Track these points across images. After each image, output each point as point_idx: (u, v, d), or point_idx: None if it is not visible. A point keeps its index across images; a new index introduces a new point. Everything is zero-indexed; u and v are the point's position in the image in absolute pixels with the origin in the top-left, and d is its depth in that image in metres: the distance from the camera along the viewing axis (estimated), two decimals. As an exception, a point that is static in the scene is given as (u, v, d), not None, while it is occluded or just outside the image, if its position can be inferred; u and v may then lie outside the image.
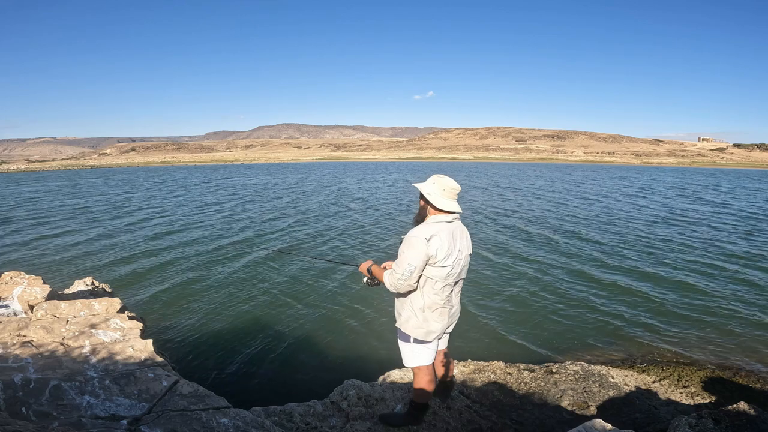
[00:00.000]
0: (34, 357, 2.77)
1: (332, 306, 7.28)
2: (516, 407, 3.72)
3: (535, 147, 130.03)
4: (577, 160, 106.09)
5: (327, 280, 8.50)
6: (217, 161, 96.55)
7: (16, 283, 4.12)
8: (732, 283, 8.43)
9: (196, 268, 9.42)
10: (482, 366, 4.57)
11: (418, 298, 2.26)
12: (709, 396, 4.38)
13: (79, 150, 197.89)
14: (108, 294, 5.11)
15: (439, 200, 2.21)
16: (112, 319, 3.47)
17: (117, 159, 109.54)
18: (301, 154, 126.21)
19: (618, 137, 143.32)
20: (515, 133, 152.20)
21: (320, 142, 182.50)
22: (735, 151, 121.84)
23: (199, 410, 2.43)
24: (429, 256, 2.13)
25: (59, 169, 70.23)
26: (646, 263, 9.81)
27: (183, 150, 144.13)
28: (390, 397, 3.16)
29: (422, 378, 2.47)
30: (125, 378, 2.65)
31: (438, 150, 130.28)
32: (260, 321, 6.72)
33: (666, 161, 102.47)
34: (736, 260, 10.12)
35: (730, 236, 13.07)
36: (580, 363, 4.80)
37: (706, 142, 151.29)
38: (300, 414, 2.87)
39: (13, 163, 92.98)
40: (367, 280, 2.47)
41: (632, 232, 13.64)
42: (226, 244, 11.77)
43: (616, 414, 3.73)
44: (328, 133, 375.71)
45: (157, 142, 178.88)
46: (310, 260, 9.61)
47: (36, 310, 3.55)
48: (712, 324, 6.57)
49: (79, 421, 2.20)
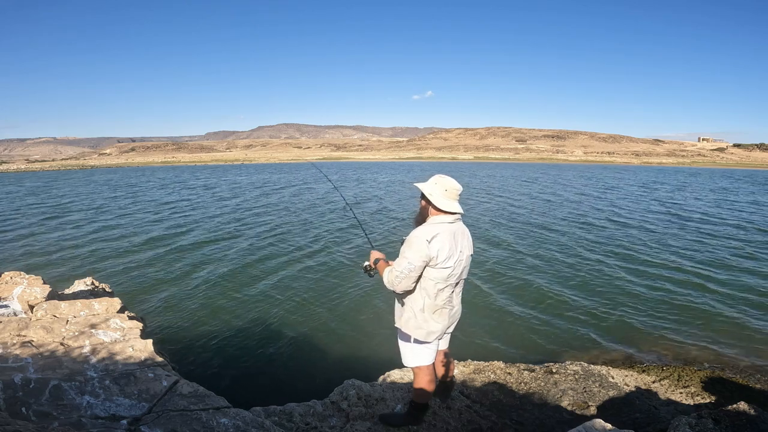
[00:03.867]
0: (34, 357, 2.77)
1: (332, 306, 7.28)
2: (516, 407, 3.72)
3: (535, 147, 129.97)
4: (577, 160, 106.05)
5: (327, 281, 8.50)
6: (217, 161, 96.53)
7: (16, 283, 4.12)
8: (732, 282, 8.44)
9: (197, 269, 9.42)
10: (482, 366, 4.57)
11: (419, 298, 2.25)
12: (709, 396, 4.37)
13: (79, 150, 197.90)
14: (108, 294, 5.10)
15: (441, 201, 2.19)
16: (112, 319, 3.47)
17: (117, 159, 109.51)
18: (301, 154, 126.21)
19: (618, 137, 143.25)
20: (515, 133, 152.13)
21: (320, 142, 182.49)
22: (735, 151, 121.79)
23: (199, 410, 2.42)
24: (430, 257, 2.12)
25: (59, 169, 70.22)
26: (645, 264, 9.81)
27: (183, 150, 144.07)
28: (390, 397, 3.16)
29: (422, 378, 2.46)
30: (125, 378, 2.65)
31: (438, 150, 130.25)
32: (260, 321, 6.72)
33: (666, 161, 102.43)
34: (736, 260, 10.12)
35: (731, 235, 13.07)
36: (580, 363, 4.81)
37: (706, 142, 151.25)
38: (300, 414, 2.87)
39: (13, 163, 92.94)
40: (367, 266, 2.46)
41: (631, 232, 13.63)
42: (226, 245, 11.77)
43: (616, 414, 3.73)
44: (328, 133, 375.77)
45: (157, 142, 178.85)
46: (310, 261, 9.61)
47: (36, 310, 3.54)
48: (712, 324, 6.57)
49: (79, 421, 2.20)
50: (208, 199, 23.05)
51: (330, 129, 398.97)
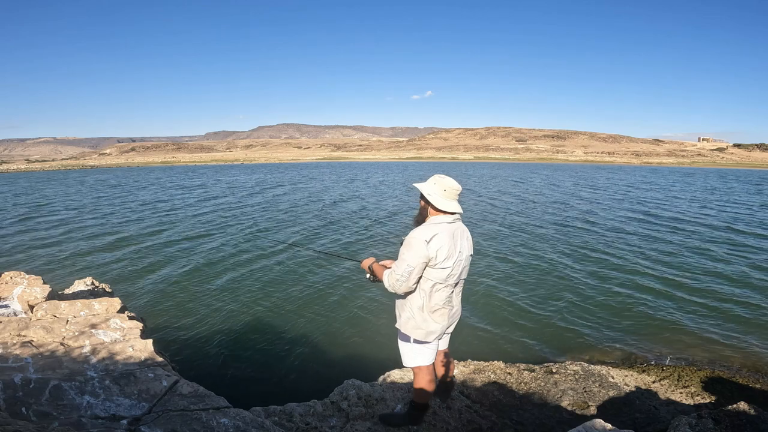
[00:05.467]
0: (34, 357, 2.77)
1: (332, 306, 7.28)
2: (516, 407, 3.72)
3: (535, 147, 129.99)
4: (577, 160, 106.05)
5: (327, 280, 8.50)
6: (217, 161, 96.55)
7: (16, 283, 4.12)
8: (732, 283, 8.43)
9: (197, 268, 9.41)
10: (482, 366, 4.57)
11: (418, 298, 2.25)
12: (709, 396, 4.37)
13: (80, 150, 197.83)
14: (108, 294, 5.11)
15: (440, 201, 2.19)
16: (112, 319, 3.47)
17: (117, 159, 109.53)
18: (301, 154, 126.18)
19: (618, 137, 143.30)
20: (515, 133, 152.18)
21: (320, 142, 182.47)
22: (735, 151, 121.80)
23: (199, 410, 2.43)
24: (429, 258, 2.11)
25: (59, 169, 70.23)
26: (644, 264, 9.81)
27: (183, 150, 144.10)
28: (390, 397, 3.16)
29: (422, 378, 2.46)
30: (125, 378, 2.65)
31: (438, 150, 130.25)
32: (260, 321, 6.72)
33: (666, 161, 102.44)
34: (736, 261, 10.12)
35: (733, 237, 13.07)
36: (580, 363, 4.81)
37: (706, 142, 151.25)
38: (300, 414, 2.87)
39: (13, 163, 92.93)
40: (370, 276, 2.47)
41: (630, 233, 13.63)
42: (226, 245, 11.76)
43: (616, 414, 3.73)
44: (328, 133, 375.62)
45: (157, 142, 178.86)
46: (309, 261, 9.61)
47: (36, 310, 3.55)
48: (712, 324, 6.57)
49: (79, 421, 2.20)
50: (209, 200, 23.06)
51: (330, 129, 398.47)
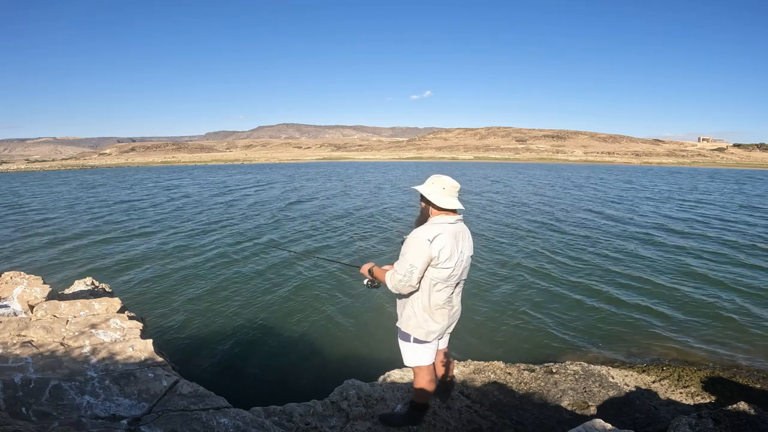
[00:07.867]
0: (34, 357, 2.77)
1: (332, 306, 7.28)
2: (516, 407, 3.72)
3: (535, 147, 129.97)
4: (577, 160, 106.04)
5: (327, 281, 8.50)
6: (217, 161, 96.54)
7: (16, 283, 4.12)
8: (732, 283, 8.43)
9: (197, 269, 9.41)
10: (482, 366, 4.56)
11: (419, 298, 2.25)
12: (709, 396, 4.37)
13: (80, 150, 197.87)
14: (108, 294, 5.10)
15: (440, 199, 2.19)
16: (112, 319, 3.47)
17: (117, 159, 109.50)
18: (301, 154, 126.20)
19: (618, 137, 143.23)
20: (515, 133, 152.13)
21: (320, 142, 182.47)
22: (735, 151, 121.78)
23: (199, 410, 2.43)
24: (431, 257, 2.12)
25: (59, 169, 70.19)
26: (645, 263, 9.81)
27: (183, 150, 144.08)
28: (390, 397, 3.16)
29: (422, 378, 2.46)
30: (125, 378, 2.65)
31: (438, 150, 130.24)
32: (260, 321, 6.72)
33: (666, 161, 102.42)
34: (736, 261, 10.12)
35: (734, 236, 13.06)
36: (580, 363, 4.81)
37: (706, 142, 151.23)
38: (300, 414, 2.87)
39: (13, 163, 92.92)
40: (368, 282, 2.46)
41: (629, 232, 13.63)
42: (227, 245, 11.76)
43: (616, 414, 3.73)
44: (328, 133, 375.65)
45: (157, 142, 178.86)
46: (310, 261, 9.61)
47: (36, 310, 3.54)
48: (712, 324, 6.57)
49: (79, 421, 2.20)
50: (209, 200, 23.06)
51: (330, 129, 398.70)
